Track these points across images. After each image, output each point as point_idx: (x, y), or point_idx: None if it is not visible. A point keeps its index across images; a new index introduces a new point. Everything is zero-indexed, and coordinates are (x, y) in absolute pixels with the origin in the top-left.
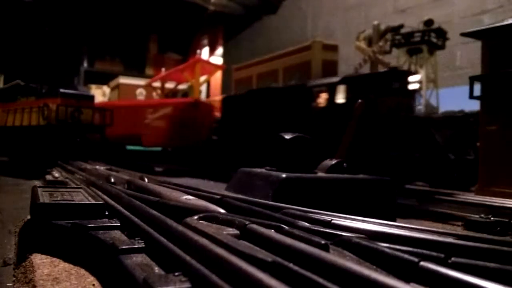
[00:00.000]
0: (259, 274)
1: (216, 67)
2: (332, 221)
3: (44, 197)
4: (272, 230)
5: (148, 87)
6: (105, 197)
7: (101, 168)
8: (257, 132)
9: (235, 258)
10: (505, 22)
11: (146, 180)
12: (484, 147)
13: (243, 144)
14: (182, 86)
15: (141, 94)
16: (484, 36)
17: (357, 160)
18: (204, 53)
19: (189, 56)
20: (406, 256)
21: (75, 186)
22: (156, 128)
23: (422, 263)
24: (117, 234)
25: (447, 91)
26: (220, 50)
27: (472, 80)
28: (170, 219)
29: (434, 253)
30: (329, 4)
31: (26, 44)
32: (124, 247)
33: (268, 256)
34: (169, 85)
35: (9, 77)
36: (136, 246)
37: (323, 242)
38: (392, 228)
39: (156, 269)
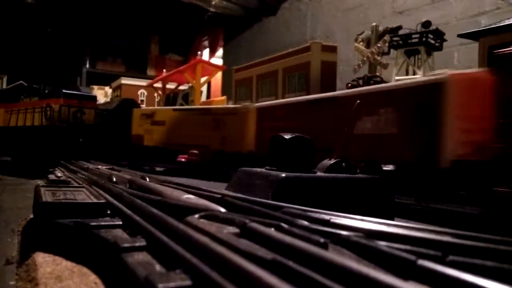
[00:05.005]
0: (259, 272)
1: (217, 67)
2: (331, 219)
3: (47, 196)
4: (272, 229)
5: (150, 87)
6: (107, 196)
7: (103, 167)
8: None
9: (236, 256)
10: (502, 23)
11: (147, 179)
12: None
13: None
14: (183, 87)
15: (142, 94)
16: (481, 37)
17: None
18: (205, 54)
19: (190, 57)
20: (404, 254)
21: (78, 185)
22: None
23: (419, 261)
24: (119, 232)
25: None
26: (220, 52)
27: None
28: (171, 218)
29: (431, 252)
30: (328, 6)
31: (29, 45)
32: (126, 245)
33: (268, 254)
34: (170, 85)
35: (13, 78)
36: (138, 244)
37: (322, 240)
38: (390, 227)
39: (158, 267)
